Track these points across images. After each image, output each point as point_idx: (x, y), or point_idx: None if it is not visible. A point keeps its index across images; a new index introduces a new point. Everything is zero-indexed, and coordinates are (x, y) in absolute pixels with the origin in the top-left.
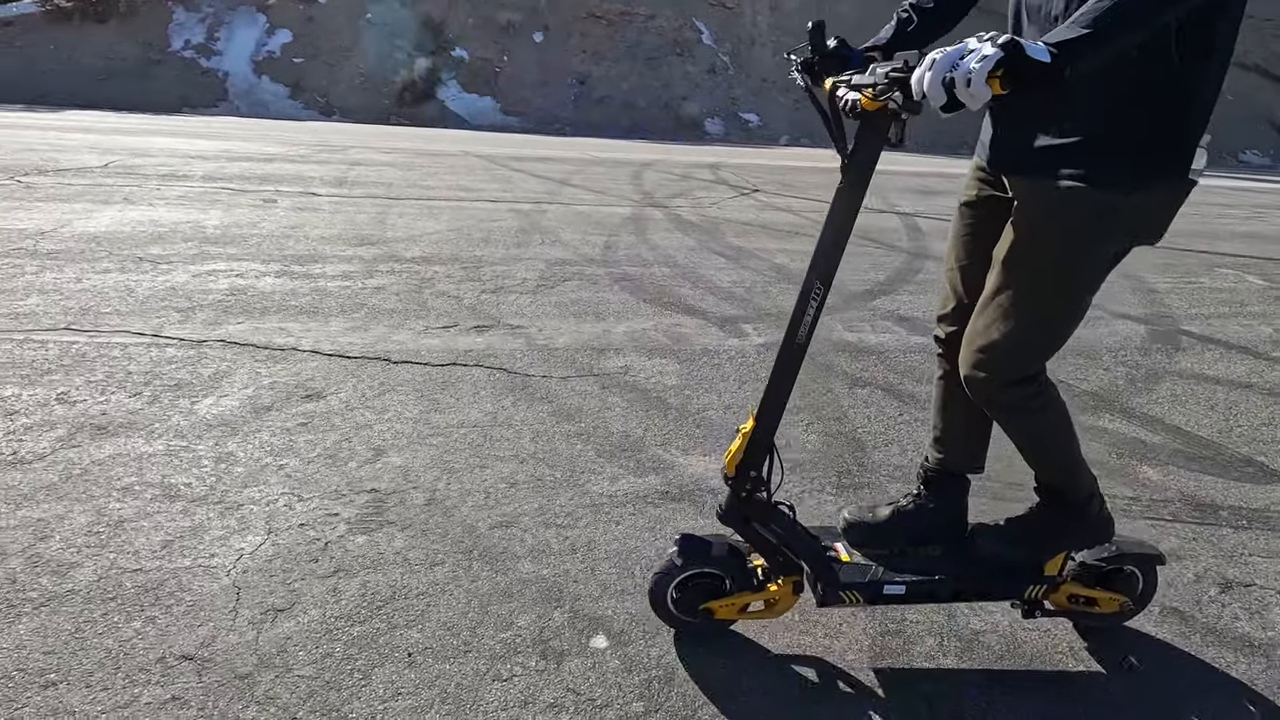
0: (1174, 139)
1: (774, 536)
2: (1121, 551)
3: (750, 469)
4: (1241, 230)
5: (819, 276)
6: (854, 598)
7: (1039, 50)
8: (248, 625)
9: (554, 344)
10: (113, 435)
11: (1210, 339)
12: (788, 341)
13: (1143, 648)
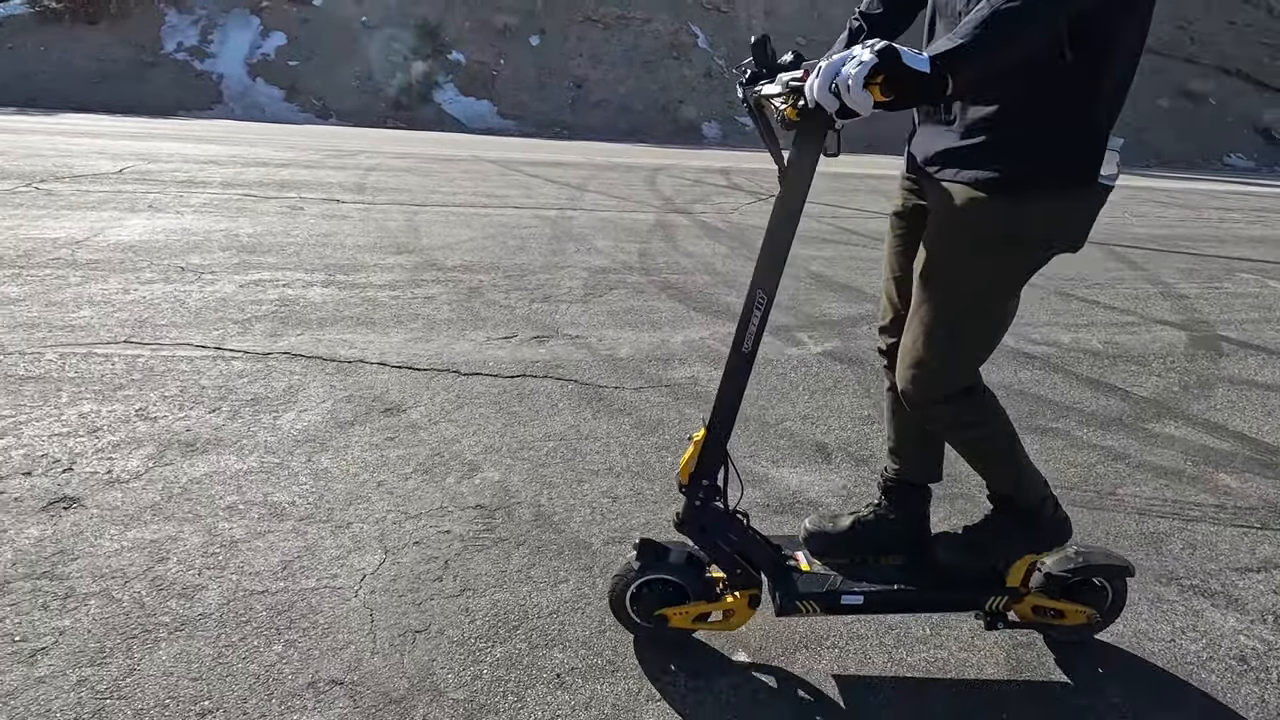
0: (1076, 142)
1: (730, 546)
2: (1088, 563)
3: (703, 478)
4: (1248, 234)
5: (761, 285)
6: (811, 607)
7: (918, 60)
8: (389, 648)
9: (617, 354)
10: (203, 452)
11: (1249, 344)
12: (735, 351)
13: (1265, 655)
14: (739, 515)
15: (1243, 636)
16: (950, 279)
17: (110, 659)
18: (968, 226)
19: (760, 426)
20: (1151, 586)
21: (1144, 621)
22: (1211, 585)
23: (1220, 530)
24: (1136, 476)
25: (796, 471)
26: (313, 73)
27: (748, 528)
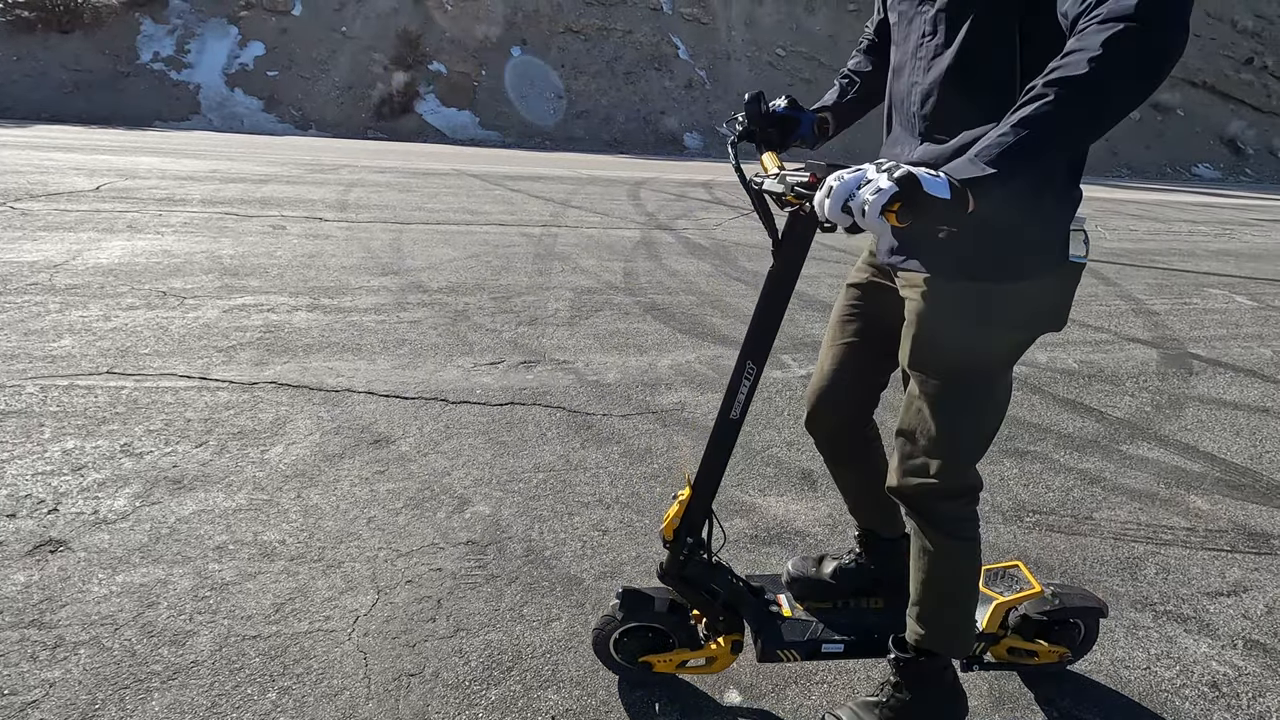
0: (1043, 234)
1: (715, 597)
2: (1064, 605)
3: (688, 535)
4: (1215, 248)
5: (750, 356)
6: (792, 655)
7: (938, 186)
8: (384, 693)
9: (604, 379)
10: (190, 490)
11: (1218, 362)
12: (722, 417)
13: (1235, 681)
14: (722, 565)
15: (1214, 662)
16: (941, 369)
17: (102, 711)
18: (949, 316)
19: (746, 454)
20: (1128, 613)
21: (1120, 649)
22: (1184, 610)
23: (1192, 554)
24: (1112, 500)
25: (783, 500)
26: (292, 83)
27: (733, 575)
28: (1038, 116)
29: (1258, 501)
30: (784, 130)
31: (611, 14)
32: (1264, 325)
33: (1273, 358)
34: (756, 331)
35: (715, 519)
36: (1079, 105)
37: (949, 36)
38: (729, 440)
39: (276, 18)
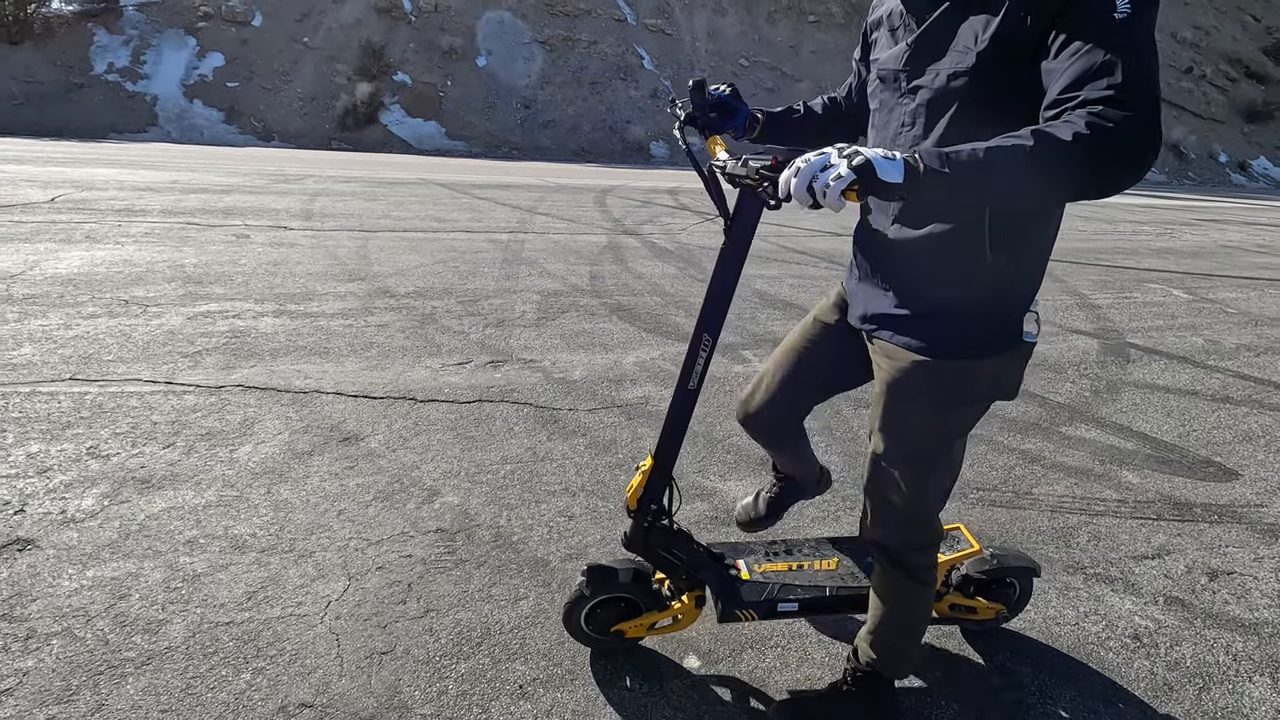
0: (999, 320)
1: (677, 561)
2: (1002, 565)
3: (651, 502)
4: (1157, 246)
5: (707, 329)
6: (750, 615)
7: (892, 171)
8: (356, 670)
9: (571, 376)
10: (159, 488)
11: (1154, 350)
12: (680, 387)
13: (1155, 633)
14: (683, 532)
15: (1137, 617)
16: (905, 436)
17: (77, 696)
18: (914, 388)
19: (708, 443)
20: (1060, 576)
21: (1052, 608)
22: (1112, 572)
23: (1121, 523)
24: (1050, 477)
25: (741, 484)
26: (253, 94)
27: (693, 541)
28: (1009, 149)
29: (1183, 474)
30: (722, 116)
31: (577, 25)
32: (1197, 316)
33: (1203, 345)
34: (711, 306)
35: (675, 486)
36: (1045, 161)
37: (926, 131)
38: (687, 409)
39: (236, 28)
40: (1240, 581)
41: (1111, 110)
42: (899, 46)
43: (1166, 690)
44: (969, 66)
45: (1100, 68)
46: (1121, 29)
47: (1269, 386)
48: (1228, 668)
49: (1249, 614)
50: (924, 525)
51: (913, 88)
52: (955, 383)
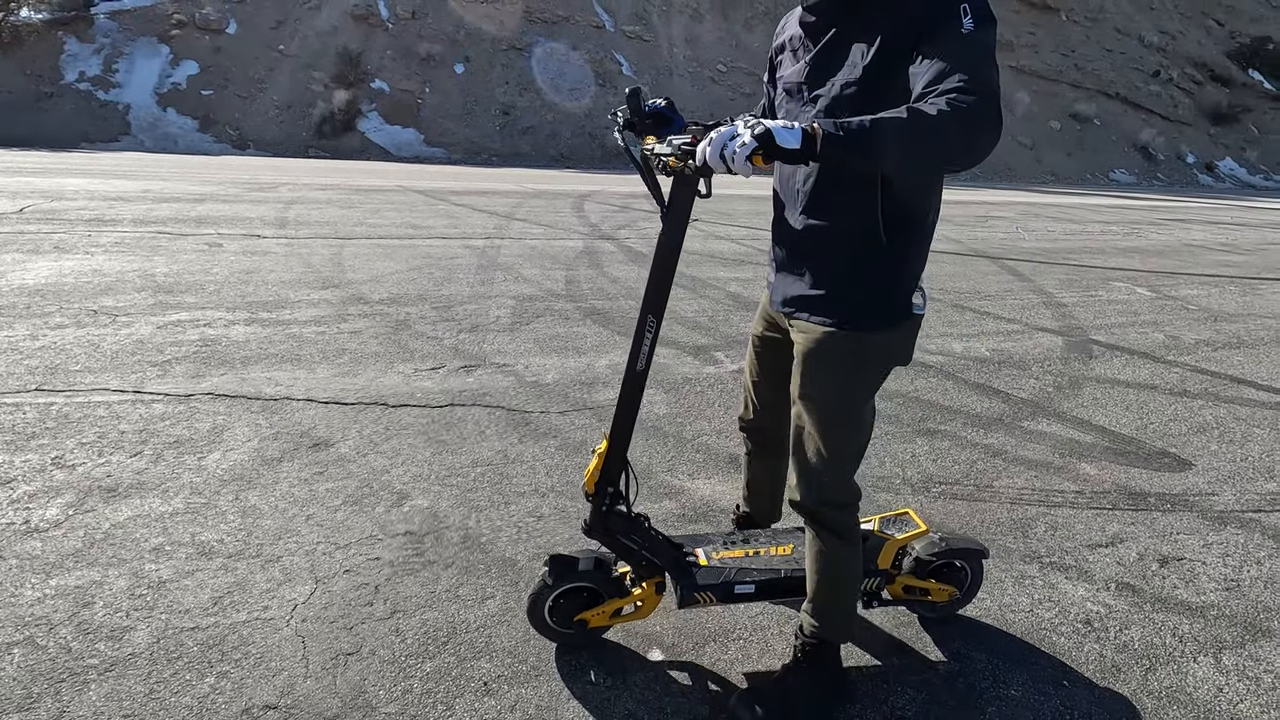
0: (892, 295)
1: (635, 545)
2: (950, 548)
3: (608, 485)
4: (1123, 245)
5: (651, 310)
6: (708, 597)
7: (790, 138)
8: (322, 671)
9: (543, 380)
10: (125, 497)
11: (1116, 346)
12: (629, 369)
13: (1106, 617)
14: (640, 517)
15: (1089, 603)
16: (821, 400)
17: (39, 704)
18: (826, 357)
19: (678, 442)
20: (1017, 565)
21: (1008, 596)
22: (1067, 561)
23: (1078, 513)
24: (1011, 470)
25: (710, 483)
26: (228, 102)
27: (650, 528)
28: (889, 119)
29: (1139, 465)
30: (658, 125)
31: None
32: (1160, 313)
33: (1164, 341)
34: (653, 289)
35: (631, 471)
36: (916, 130)
37: None
38: (637, 390)
39: (210, 36)
40: (1189, 567)
41: (963, 95)
42: (800, 64)
43: (1114, 671)
44: (857, 78)
45: (953, 69)
46: (967, 41)
47: (1225, 380)
48: (1173, 649)
49: (1196, 598)
50: (841, 484)
51: (813, 96)
52: (858, 350)
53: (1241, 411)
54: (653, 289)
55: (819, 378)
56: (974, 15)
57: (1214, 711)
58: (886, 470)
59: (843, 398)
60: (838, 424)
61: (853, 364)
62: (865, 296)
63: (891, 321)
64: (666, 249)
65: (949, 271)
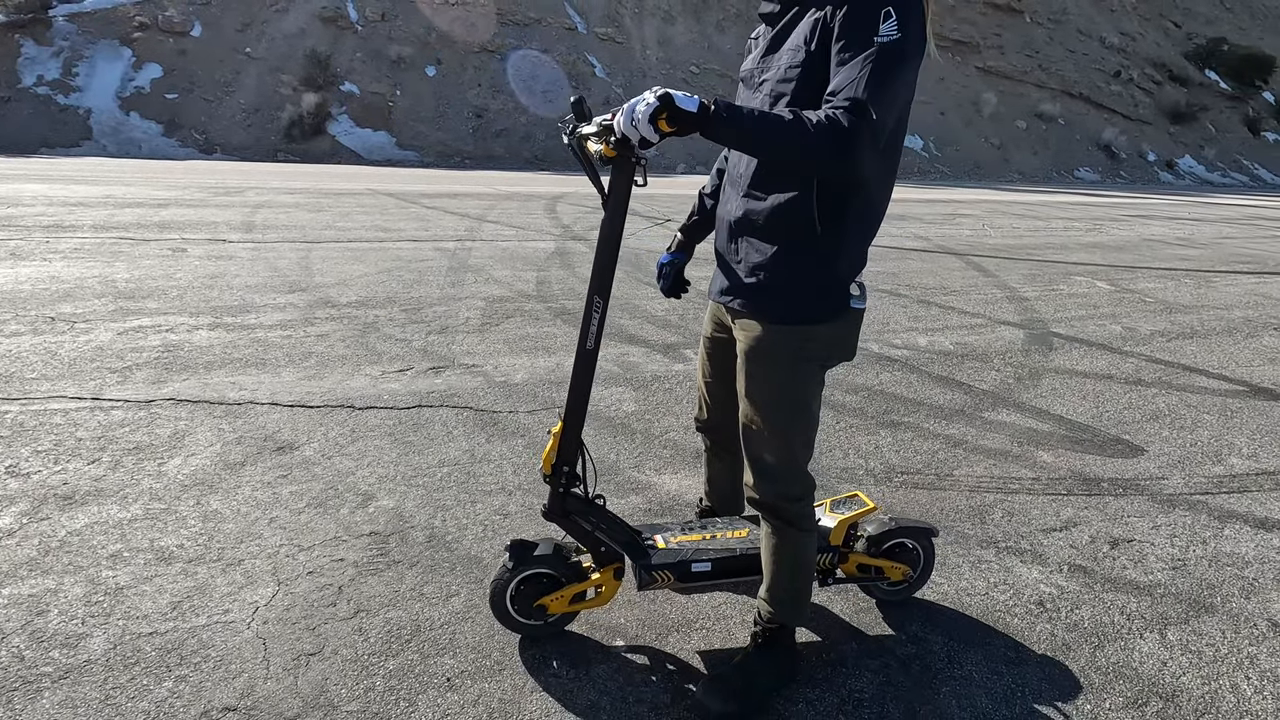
0: (828, 287)
1: (592, 527)
2: (899, 526)
3: (564, 465)
4: (1086, 241)
5: (597, 291)
6: (666, 577)
7: (689, 103)
8: (283, 672)
9: (512, 380)
10: (82, 505)
11: (1075, 338)
12: (580, 349)
13: (1058, 598)
14: (597, 499)
15: (1042, 585)
16: (764, 397)
17: None
18: (766, 354)
19: (645, 439)
20: (974, 551)
21: (965, 580)
22: (1022, 545)
23: (1034, 499)
24: (971, 459)
25: (677, 478)
26: (194, 106)
27: (606, 510)
28: (777, 116)
29: (1094, 452)
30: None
31: (527, 33)
32: (1118, 306)
33: (1121, 332)
34: (599, 272)
35: (588, 455)
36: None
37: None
38: (588, 369)
39: (174, 39)
40: (1139, 548)
41: (847, 114)
42: (757, 52)
43: (1065, 650)
44: (800, 61)
45: (851, 80)
46: (876, 53)
47: (1177, 369)
48: (1121, 626)
49: (1144, 577)
50: (794, 477)
51: (762, 80)
52: (795, 345)
53: (1192, 399)
54: (598, 272)
55: (760, 375)
56: (897, 20)
57: (1158, 684)
58: (850, 462)
59: (785, 393)
60: (783, 419)
61: (792, 360)
62: (799, 288)
63: (828, 315)
64: (608, 233)
65: (916, 268)
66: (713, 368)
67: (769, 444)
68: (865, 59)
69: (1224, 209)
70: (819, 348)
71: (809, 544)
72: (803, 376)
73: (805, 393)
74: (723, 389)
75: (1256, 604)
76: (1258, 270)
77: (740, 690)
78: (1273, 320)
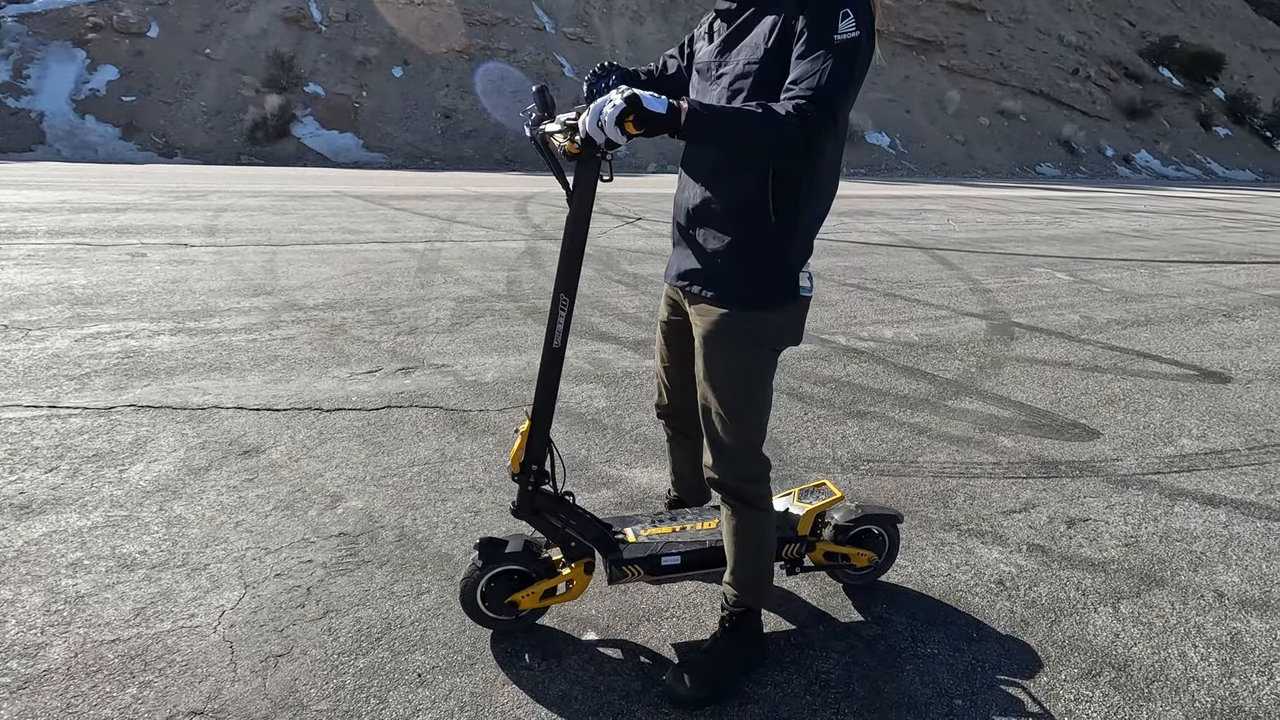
0: (781, 275)
1: (561, 524)
2: (866, 514)
3: (533, 463)
4: (1046, 234)
5: (563, 289)
6: (636, 571)
7: (657, 104)
8: (251, 674)
9: (483, 379)
10: (40, 513)
11: (1035, 328)
12: (546, 347)
13: (1017, 577)
14: (566, 495)
15: (1002, 564)
16: (721, 380)
17: None
18: (722, 337)
19: (616, 434)
20: (937, 534)
21: (928, 562)
22: (983, 527)
23: (995, 483)
24: (935, 446)
25: (647, 471)
26: (152, 108)
27: (575, 506)
28: (746, 110)
29: (1052, 436)
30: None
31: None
32: (1076, 296)
33: (1079, 321)
34: (564, 269)
35: (556, 452)
36: (765, 124)
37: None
38: (555, 368)
39: (130, 40)
40: (1094, 527)
41: (809, 105)
42: (713, 44)
43: (1023, 625)
44: (759, 57)
45: (812, 75)
46: (835, 50)
47: (1132, 355)
48: (1077, 602)
49: (1099, 554)
50: (751, 458)
51: (720, 74)
52: (750, 330)
53: (1146, 384)
54: (564, 269)
55: (717, 358)
56: (855, 19)
57: (1111, 655)
58: (818, 451)
59: (741, 376)
60: (739, 401)
61: (747, 343)
62: (754, 275)
63: (781, 301)
64: (573, 230)
65: (883, 262)
66: (670, 352)
67: (726, 425)
68: (826, 55)
69: (1177, 202)
70: (772, 333)
71: (768, 524)
72: (757, 360)
73: (760, 376)
74: (680, 373)
75: (1204, 576)
76: (1209, 260)
77: (708, 676)
78: (1222, 307)
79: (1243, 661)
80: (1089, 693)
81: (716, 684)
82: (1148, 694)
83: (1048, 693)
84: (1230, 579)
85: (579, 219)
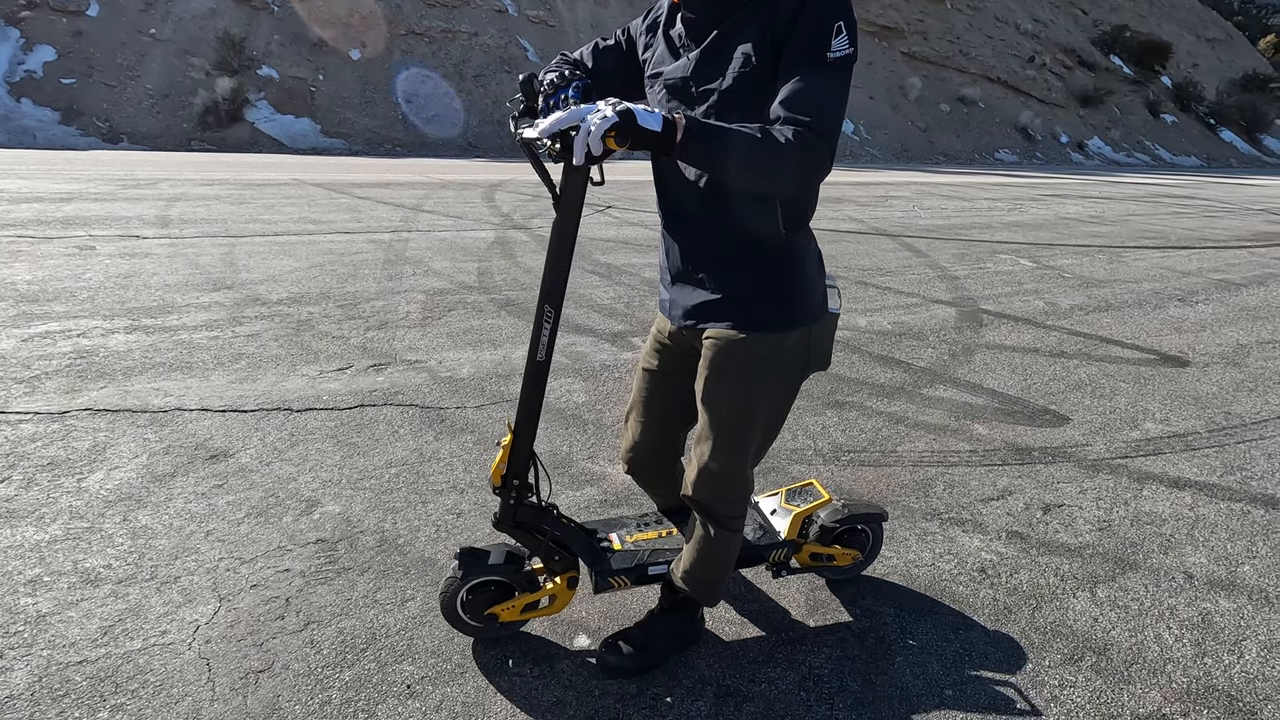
0: (800, 290)
1: (546, 536)
2: (852, 513)
3: (515, 478)
4: (1008, 220)
5: (548, 301)
6: (623, 581)
7: (652, 120)
8: (230, 693)
9: (458, 374)
10: None
11: (1003, 315)
12: (530, 360)
13: (998, 564)
14: (550, 507)
15: (983, 552)
16: (725, 404)
17: None
18: (734, 362)
19: (598, 429)
20: (920, 524)
21: (912, 553)
22: (963, 515)
23: (972, 470)
24: (912, 435)
25: None
26: (94, 91)
27: (560, 517)
28: (745, 131)
29: (1025, 423)
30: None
31: (455, 16)
32: (1040, 282)
33: (1044, 307)
34: (550, 279)
35: (539, 464)
36: (763, 149)
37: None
38: (539, 382)
39: (68, 19)
40: (1068, 512)
41: (809, 134)
42: (683, 60)
43: (1006, 613)
44: (748, 73)
45: (808, 100)
46: (828, 71)
47: (1095, 340)
48: (1056, 587)
49: (1074, 539)
50: (737, 484)
51: (702, 93)
52: (766, 355)
53: (1110, 368)
54: (549, 278)
55: (722, 385)
56: (847, 36)
57: (1091, 639)
58: (799, 443)
59: (747, 404)
60: (739, 432)
61: (759, 370)
62: (771, 296)
63: (807, 319)
64: (560, 237)
65: (852, 250)
66: (649, 410)
67: (719, 453)
68: (821, 75)
69: (1129, 188)
70: (791, 355)
71: (733, 543)
72: (773, 387)
73: (774, 407)
74: (659, 436)
75: (1174, 558)
76: (1161, 245)
77: (637, 648)
78: (1176, 292)
79: (1214, 641)
80: (1072, 678)
81: (642, 656)
82: (1127, 676)
83: (1033, 680)
84: (1198, 560)
85: (566, 224)
